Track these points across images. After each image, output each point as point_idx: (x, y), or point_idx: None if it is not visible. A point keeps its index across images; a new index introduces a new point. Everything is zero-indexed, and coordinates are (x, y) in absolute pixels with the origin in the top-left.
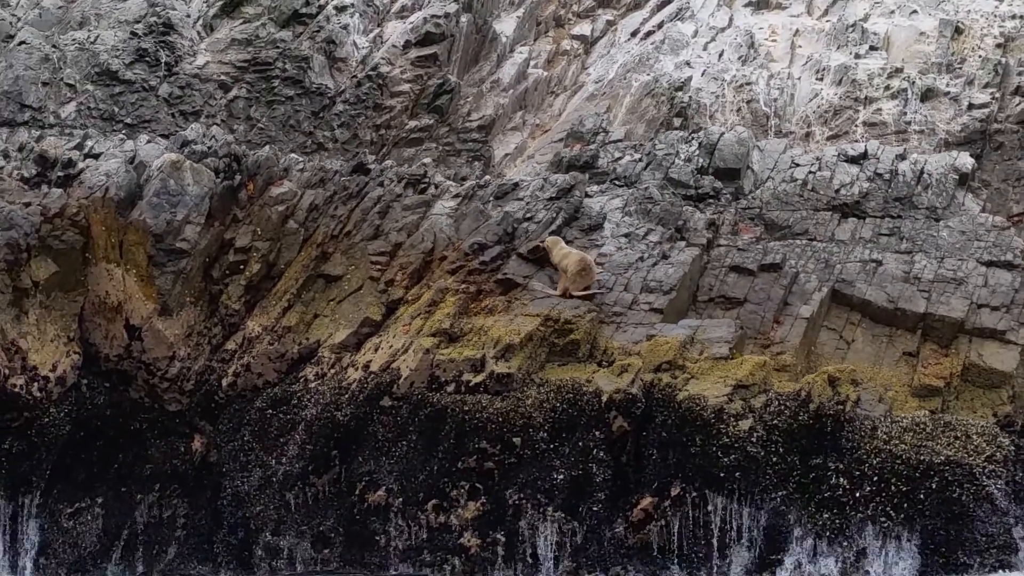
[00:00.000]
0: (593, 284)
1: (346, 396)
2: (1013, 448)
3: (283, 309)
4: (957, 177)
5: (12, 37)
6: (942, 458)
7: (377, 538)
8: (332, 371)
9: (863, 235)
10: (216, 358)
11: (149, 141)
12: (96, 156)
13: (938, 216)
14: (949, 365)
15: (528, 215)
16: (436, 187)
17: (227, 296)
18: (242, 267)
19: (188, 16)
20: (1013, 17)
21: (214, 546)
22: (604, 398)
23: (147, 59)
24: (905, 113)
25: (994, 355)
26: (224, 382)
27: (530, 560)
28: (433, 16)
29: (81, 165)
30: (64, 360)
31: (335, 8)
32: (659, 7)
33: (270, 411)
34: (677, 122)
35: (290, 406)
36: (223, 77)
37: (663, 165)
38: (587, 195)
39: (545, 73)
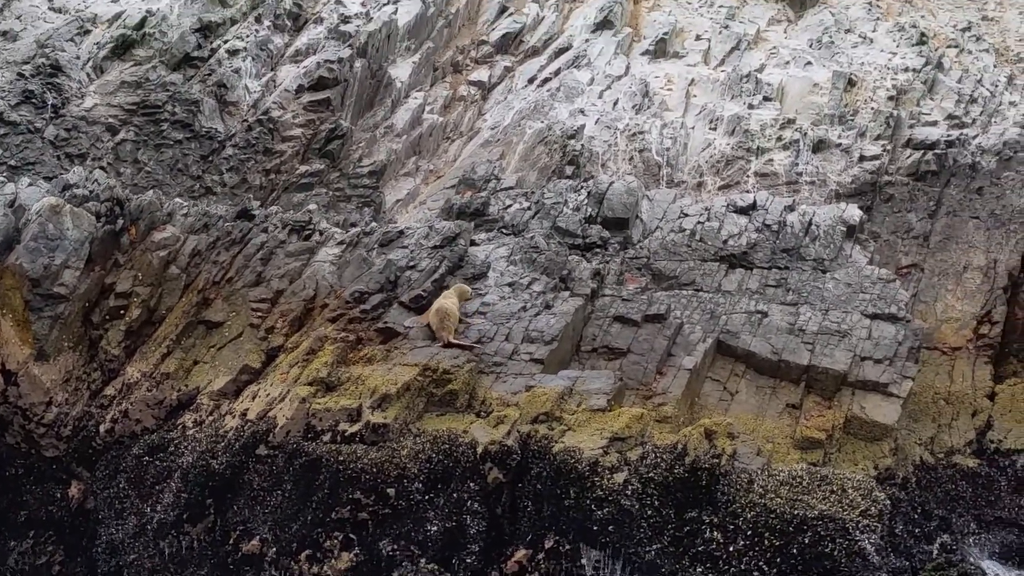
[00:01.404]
0: (454, 328)
1: (222, 444)
2: (889, 502)
3: (162, 355)
4: (845, 229)
5: None
6: (816, 512)
7: None
8: (210, 418)
9: (750, 286)
10: (95, 404)
11: (31, 184)
12: None
13: (825, 268)
14: (831, 417)
15: (411, 263)
16: (320, 234)
17: (107, 341)
18: (122, 312)
19: (78, 58)
20: (905, 70)
21: None
22: (479, 449)
23: (33, 101)
24: (796, 164)
25: (876, 408)
26: (102, 428)
27: None
28: (327, 61)
29: None
30: None
31: (227, 52)
32: (557, 54)
33: (147, 458)
34: (569, 170)
35: (167, 453)
36: (111, 120)
37: (551, 214)
38: (474, 243)
39: (441, 119)
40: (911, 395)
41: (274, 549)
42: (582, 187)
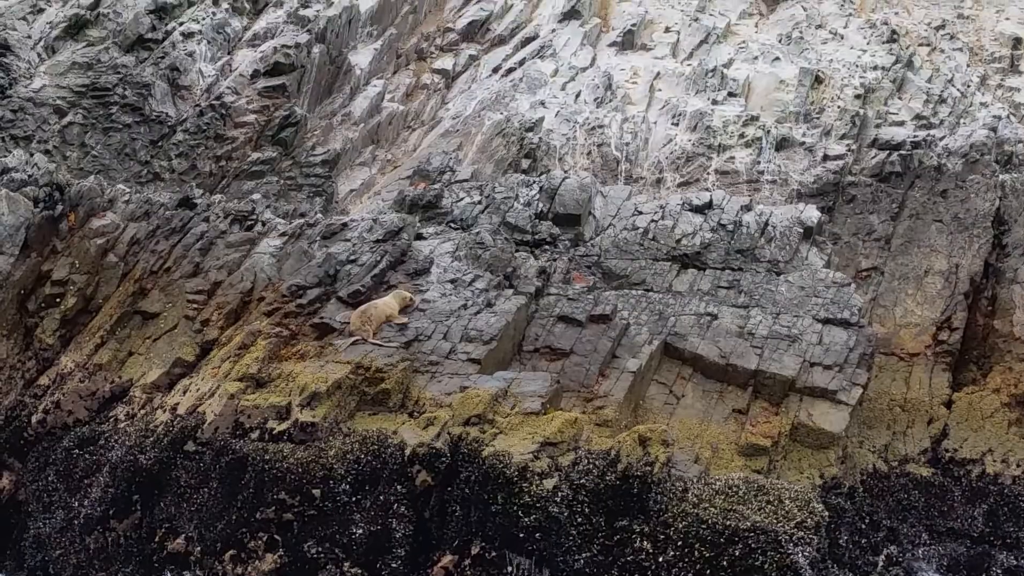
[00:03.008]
0: (374, 330)
1: (151, 439)
2: (828, 513)
3: (96, 345)
4: (802, 230)
5: None
6: (749, 524)
7: None
8: (142, 412)
9: (701, 287)
10: (29, 393)
11: None
12: None
13: (780, 270)
14: (778, 424)
15: (352, 257)
16: (263, 224)
17: (42, 330)
18: (58, 300)
19: (29, 37)
20: (875, 68)
21: None
22: (407, 451)
23: None
24: (759, 162)
25: (824, 415)
26: (34, 419)
27: None
28: (283, 46)
29: None
30: None
31: (182, 34)
32: (523, 44)
33: (76, 451)
34: (526, 163)
35: (97, 447)
36: (59, 102)
37: (501, 209)
38: (422, 237)
39: (402, 107)
40: (865, 401)
41: (199, 548)
42: (534, 182)
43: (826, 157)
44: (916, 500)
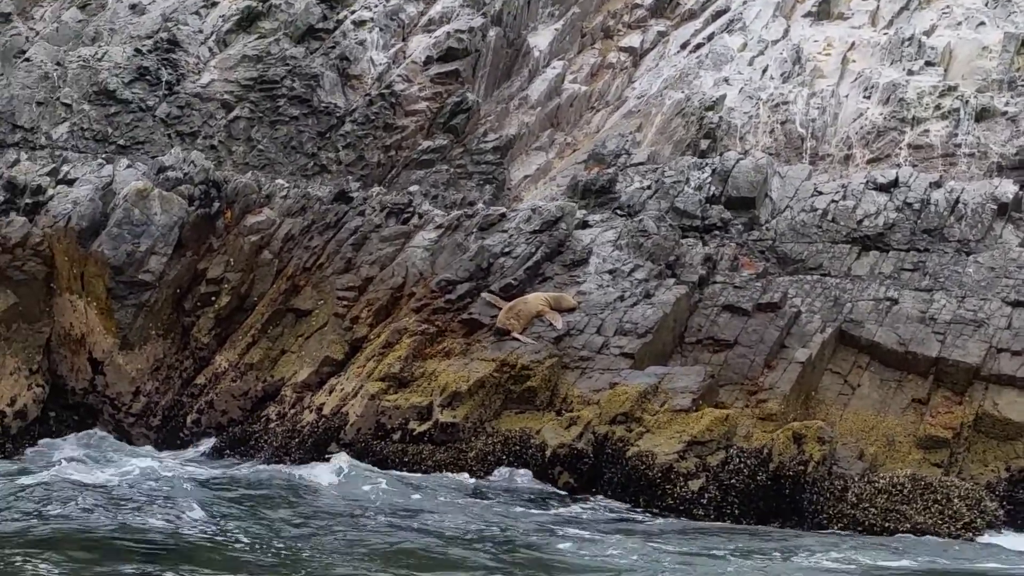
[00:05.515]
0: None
1: (296, 441)
2: (1002, 512)
3: (248, 344)
4: (996, 207)
5: (23, 52)
6: (909, 526)
7: None
8: (292, 411)
9: (883, 270)
10: (186, 392)
11: (129, 166)
12: (70, 182)
13: (970, 250)
14: (960, 414)
15: (507, 249)
16: (420, 217)
17: (198, 329)
18: (213, 299)
19: (200, 32)
20: None
21: None
22: (548, 452)
23: (148, 77)
24: (955, 135)
25: (1011, 404)
26: (188, 419)
27: None
28: (457, 31)
29: (51, 192)
30: (25, 393)
31: (353, 23)
32: (714, 17)
33: (228, 451)
34: (705, 144)
35: (247, 447)
36: (226, 96)
37: (670, 193)
38: (587, 224)
39: (584, 88)
40: None
41: None
42: (707, 164)
43: None
44: None
